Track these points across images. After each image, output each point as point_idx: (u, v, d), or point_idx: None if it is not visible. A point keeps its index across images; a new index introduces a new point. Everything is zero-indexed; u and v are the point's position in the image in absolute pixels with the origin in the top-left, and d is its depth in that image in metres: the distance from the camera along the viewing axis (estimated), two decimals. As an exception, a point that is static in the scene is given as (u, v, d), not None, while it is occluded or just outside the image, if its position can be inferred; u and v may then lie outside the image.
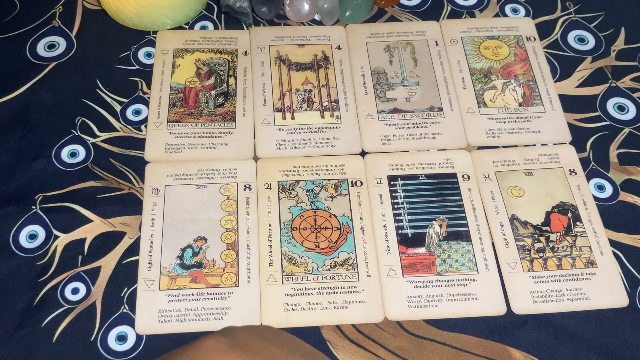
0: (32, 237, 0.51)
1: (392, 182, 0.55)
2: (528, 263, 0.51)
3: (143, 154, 0.56)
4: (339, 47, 0.63)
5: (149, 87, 0.60)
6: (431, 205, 0.54)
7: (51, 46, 0.62)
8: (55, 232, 0.52)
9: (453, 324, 0.49)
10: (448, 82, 0.61)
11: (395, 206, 0.54)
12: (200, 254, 0.51)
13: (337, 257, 0.51)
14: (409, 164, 0.56)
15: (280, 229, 0.52)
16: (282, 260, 0.51)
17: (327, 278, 0.50)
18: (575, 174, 0.56)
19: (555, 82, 0.61)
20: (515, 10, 0.67)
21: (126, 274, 0.50)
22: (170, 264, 0.50)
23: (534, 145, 0.58)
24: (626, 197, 0.55)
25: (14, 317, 0.48)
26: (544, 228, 0.53)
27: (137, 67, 0.61)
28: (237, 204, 0.53)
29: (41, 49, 0.62)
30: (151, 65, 0.61)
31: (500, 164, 0.56)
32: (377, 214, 0.53)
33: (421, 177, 0.55)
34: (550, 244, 0.52)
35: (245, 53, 0.62)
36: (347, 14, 0.64)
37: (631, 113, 0.60)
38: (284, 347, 0.36)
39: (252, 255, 0.51)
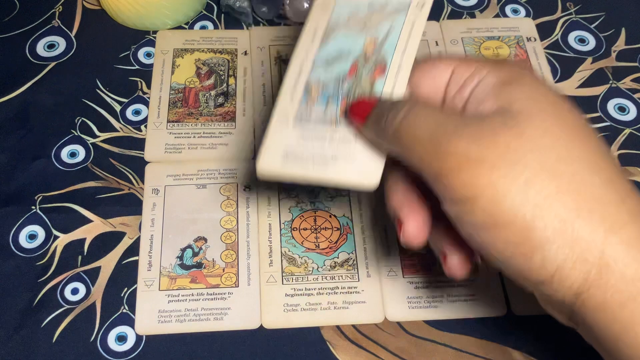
0: (32, 237, 0.51)
1: (392, 183, 0.55)
2: (528, 264, 0.51)
3: (143, 154, 0.56)
4: (339, 47, 0.63)
5: (148, 87, 0.60)
6: (431, 206, 0.54)
7: (51, 46, 0.62)
8: (55, 232, 0.52)
9: (453, 325, 0.49)
10: (448, 83, 0.61)
11: (396, 207, 0.54)
12: (200, 254, 0.51)
13: (337, 258, 0.51)
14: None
15: (280, 229, 0.52)
16: (282, 260, 0.51)
17: (327, 278, 0.50)
18: (576, 174, 0.56)
19: (555, 82, 0.61)
20: (515, 11, 0.67)
21: (126, 274, 0.50)
22: (170, 264, 0.50)
23: (535, 145, 0.58)
24: (626, 197, 0.55)
25: (14, 317, 0.48)
26: (545, 229, 0.53)
27: (137, 67, 0.61)
28: (237, 204, 0.53)
29: (41, 48, 0.62)
30: (151, 65, 0.61)
31: (501, 165, 0.56)
32: (378, 214, 0.53)
33: (421, 177, 0.55)
34: (551, 245, 0.52)
35: (245, 53, 0.62)
36: (348, 14, 0.64)
37: (632, 114, 0.60)
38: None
39: (252, 256, 0.51)
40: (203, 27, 0.64)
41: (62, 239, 0.51)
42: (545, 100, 0.34)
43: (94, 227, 0.52)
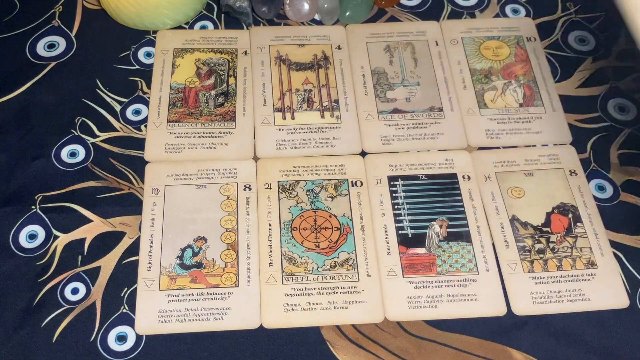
0: (32, 237, 0.51)
1: (392, 183, 0.55)
2: (528, 264, 0.51)
3: (143, 153, 0.56)
4: (339, 47, 0.63)
5: (148, 86, 0.60)
6: (431, 206, 0.54)
7: (51, 46, 0.62)
8: (55, 232, 0.52)
9: (453, 325, 0.49)
10: (448, 83, 0.61)
11: (396, 206, 0.54)
12: (200, 254, 0.51)
13: (337, 257, 0.51)
14: (409, 165, 0.56)
15: (280, 229, 0.52)
16: (282, 260, 0.51)
17: (327, 278, 0.50)
18: (576, 174, 0.56)
19: (555, 82, 0.61)
20: (515, 11, 0.66)
21: (126, 274, 0.50)
22: (170, 264, 0.50)
23: (535, 146, 0.58)
24: (627, 197, 0.55)
25: (14, 317, 0.48)
26: (545, 229, 0.53)
27: (137, 66, 0.61)
28: (237, 204, 0.53)
29: (41, 48, 0.62)
30: (151, 65, 0.61)
31: (501, 165, 0.56)
32: (377, 214, 0.53)
33: (421, 177, 0.55)
34: (551, 245, 0.52)
35: (245, 53, 0.62)
36: (347, 14, 0.64)
37: (632, 114, 0.60)
38: None
39: (252, 255, 0.51)
40: (203, 27, 0.64)
41: (62, 239, 0.51)
42: None
43: (94, 227, 0.52)
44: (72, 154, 0.56)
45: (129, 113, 0.58)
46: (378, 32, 0.64)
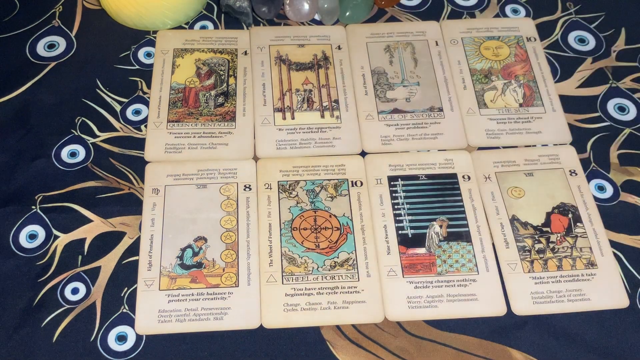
0: (32, 237, 0.51)
1: (392, 183, 0.55)
2: (528, 264, 0.51)
3: (143, 153, 0.56)
4: (339, 47, 0.63)
5: (149, 87, 0.60)
6: (431, 206, 0.54)
7: (51, 46, 0.62)
8: (55, 232, 0.52)
9: (453, 325, 0.49)
10: (448, 83, 0.61)
11: (396, 206, 0.54)
12: (200, 254, 0.51)
13: (337, 257, 0.51)
14: (409, 165, 0.56)
15: (280, 229, 0.52)
16: (282, 260, 0.51)
17: (327, 278, 0.50)
18: (576, 174, 0.56)
19: (555, 82, 0.61)
20: (515, 11, 0.67)
21: (126, 274, 0.50)
22: (170, 264, 0.50)
23: (535, 146, 0.58)
24: (627, 197, 0.55)
25: (14, 317, 0.48)
26: (545, 229, 0.53)
27: (137, 67, 0.61)
28: (237, 204, 0.53)
29: (41, 48, 0.62)
30: (151, 65, 0.61)
31: (501, 165, 0.56)
32: (377, 214, 0.53)
33: (421, 177, 0.55)
34: (551, 245, 0.52)
35: (245, 53, 0.62)
36: (347, 14, 0.64)
37: (632, 114, 0.60)
38: None
39: (252, 255, 0.51)
40: (203, 27, 0.64)
41: (62, 239, 0.51)
42: None
43: (94, 227, 0.52)
44: (72, 154, 0.56)
45: (129, 113, 0.58)
46: (378, 32, 0.64)
